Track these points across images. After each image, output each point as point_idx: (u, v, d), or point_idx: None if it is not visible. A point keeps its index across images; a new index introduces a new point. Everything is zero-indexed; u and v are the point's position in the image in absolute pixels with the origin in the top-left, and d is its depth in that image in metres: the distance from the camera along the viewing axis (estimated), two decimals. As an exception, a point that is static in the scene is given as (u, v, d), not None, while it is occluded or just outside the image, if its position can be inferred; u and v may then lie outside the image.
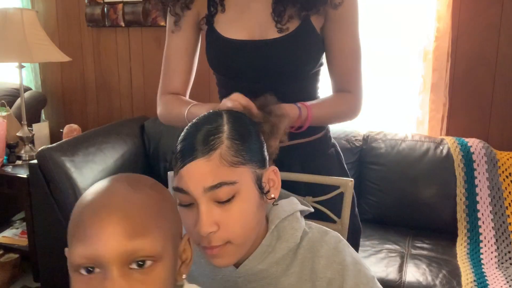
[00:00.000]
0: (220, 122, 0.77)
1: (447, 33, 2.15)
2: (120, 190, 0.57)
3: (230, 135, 0.75)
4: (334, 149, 1.23)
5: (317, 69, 1.15)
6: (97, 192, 0.57)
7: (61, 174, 2.03)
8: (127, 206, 0.55)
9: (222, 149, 0.73)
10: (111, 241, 0.53)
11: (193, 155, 0.73)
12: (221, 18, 1.12)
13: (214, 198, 0.72)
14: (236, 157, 0.74)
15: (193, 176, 0.72)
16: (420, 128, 2.29)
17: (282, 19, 1.06)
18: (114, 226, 0.53)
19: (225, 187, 0.72)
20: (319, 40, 1.11)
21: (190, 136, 0.76)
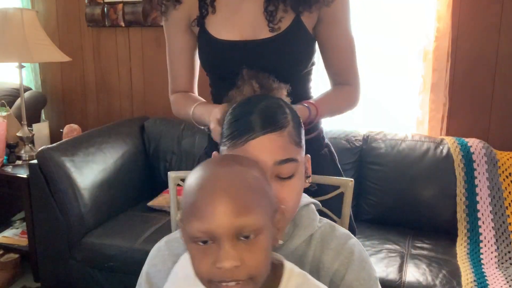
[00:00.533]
0: (280, 103, 0.81)
1: (447, 33, 2.15)
2: (225, 174, 0.67)
3: (292, 117, 0.80)
4: (327, 149, 1.24)
5: (309, 68, 1.16)
6: (207, 176, 0.68)
7: (61, 174, 2.03)
8: (233, 189, 0.65)
9: (289, 128, 0.78)
10: (222, 219, 0.63)
11: (265, 129, 0.75)
12: (212, 20, 1.13)
13: (279, 172, 0.77)
14: (297, 138, 0.79)
15: (265, 148, 0.75)
16: (420, 128, 2.30)
17: (274, 19, 1.07)
18: (224, 207, 0.64)
19: (292, 164, 0.77)
20: (311, 39, 1.12)
21: (252, 113, 0.77)
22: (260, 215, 0.66)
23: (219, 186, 0.66)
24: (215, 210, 0.64)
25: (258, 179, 0.69)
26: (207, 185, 0.67)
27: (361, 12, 2.31)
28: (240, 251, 0.64)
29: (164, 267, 0.85)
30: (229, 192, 0.65)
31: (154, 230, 2.10)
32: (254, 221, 0.65)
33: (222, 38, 1.10)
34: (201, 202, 0.66)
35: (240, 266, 0.64)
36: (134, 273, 2.13)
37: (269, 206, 0.69)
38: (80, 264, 2.07)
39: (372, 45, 2.34)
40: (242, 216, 0.64)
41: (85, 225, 2.09)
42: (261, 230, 0.66)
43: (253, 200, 0.66)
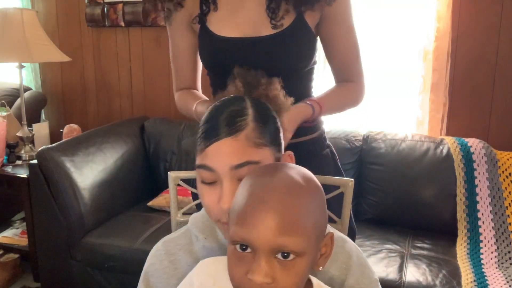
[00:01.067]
0: (244, 105, 0.79)
1: (447, 33, 2.15)
2: (280, 187, 0.65)
3: (254, 118, 0.77)
4: (329, 150, 1.24)
5: (311, 67, 1.16)
6: (263, 183, 0.67)
7: (61, 174, 2.03)
8: (283, 207, 0.63)
9: (248, 130, 0.76)
10: (264, 233, 0.62)
11: (222, 134, 0.75)
12: (214, 17, 1.13)
13: (238, 176, 0.75)
14: (260, 139, 0.76)
15: (220, 154, 0.75)
16: (420, 128, 2.30)
17: (276, 16, 1.07)
18: (269, 221, 0.62)
19: (250, 166, 0.75)
20: (313, 37, 1.12)
21: (216, 117, 0.78)
22: (305, 238, 0.63)
23: (270, 198, 0.64)
24: (259, 222, 0.63)
25: (314, 199, 0.67)
26: (259, 193, 0.65)
27: (361, 12, 2.31)
28: (275, 269, 0.63)
29: (161, 265, 0.86)
30: (278, 208, 0.63)
31: (154, 230, 2.10)
32: (297, 244, 0.63)
33: (224, 35, 1.10)
34: (249, 209, 0.65)
35: (271, 283, 0.62)
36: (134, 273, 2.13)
37: (318, 229, 0.66)
38: (80, 264, 2.07)
39: (372, 45, 2.34)
40: (285, 236, 0.62)
41: (85, 225, 2.09)
42: (302, 253, 0.63)
43: (301, 222, 0.63)
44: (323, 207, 0.70)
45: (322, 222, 0.69)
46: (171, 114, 2.75)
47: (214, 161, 0.75)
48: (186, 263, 0.85)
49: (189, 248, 0.87)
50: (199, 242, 0.86)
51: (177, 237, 0.89)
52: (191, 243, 0.87)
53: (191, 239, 0.88)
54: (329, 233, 0.71)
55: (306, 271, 0.66)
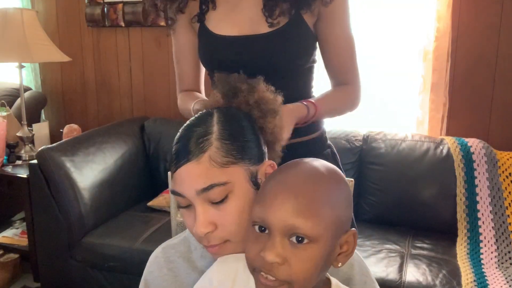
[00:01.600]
0: (210, 123, 0.77)
1: (447, 33, 2.15)
2: (302, 176, 0.68)
3: (219, 135, 0.75)
4: (330, 150, 1.24)
5: (310, 65, 1.16)
6: (288, 171, 0.70)
7: (61, 174, 2.03)
8: (301, 191, 0.65)
9: (211, 150, 0.73)
10: (279, 213, 0.64)
11: (184, 159, 0.74)
12: (212, 16, 1.13)
13: (208, 199, 0.73)
14: (226, 157, 0.73)
15: (185, 179, 0.73)
16: (420, 128, 2.30)
17: (273, 14, 1.07)
18: (285, 202, 0.64)
19: (217, 188, 0.72)
20: (311, 35, 1.12)
21: (181, 140, 0.77)
22: (320, 224, 0.64)
23: (292, 182, 0.67)
24: (276, 202, 0.65)
25: (335, 190, 0.69)
26: (282, 176, 0.69)
27: (361, 12, 2.31)
28: (287, 250, 0.64)
29: (160, 273, 0.85)
30: (297, 191, 0.65)
31: (154, 230, 2.10)
32: (310, 227, 0.63)
33: (221, 34, 1.11)
34: (269, 190, 0.67)
35: (282, 265, 0.63)
36: (134, 273, 2.15)
37: (337, 221, 0.67)
38: (80, 264, 2.07)
39: (373, 45, 2.34)
40: (299, 217, 0.63)
41: (85, 225, 2.09)
42: (316, 239, 0.64)
43: (317, 207, 0.65)
44: (345, 201, 0.70)
45: (343, 216, 0.68)
46: (171, 114, 2.75)
47: (181, 186, 0.74)
48: (185, 271, 0.85)
49: (187, 256, 0.86)
50: (197, 251, 0.86)
51: (176, 244, 0.88)
52: (189, 251, 0.87)
53: (190, 247, 0.87)
54: (351, 230, 0.70)
55: (320, 260, 0.65)
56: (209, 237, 0.74)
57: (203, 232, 0.73)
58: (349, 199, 0.71)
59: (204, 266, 0.84)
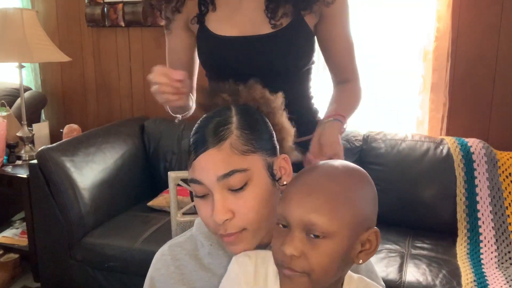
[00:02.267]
0: (229, 114, 0.79)
1: (447, 33, 2.15)
2: (321, 175, 0.71)
3: (239, 125, 0.77)
4: None
5: (309, 66, 1.17)
6: (308, 171, 0.73)
7: (61, 174, 2.03)
8: (318, 188, 0.69)
9: (232, 138, 0.75)
10: (296, 210, 0.68)
11: (205, 146, 0.75)
12: (212, 17, 1.13)
13: (228, 186, 0.75)
14: (246, 145, 0.76)
15: (206, 166, 0.75)
16: (420, 128, 2.30)
17: (275, 16, 1.08)
18: (303, 198, 0.68)
19: (237, 175, 0.74)
20: (312, 36, 1.13)
21: (201, 129, 0.78)
22: (336, 221, 0.67)
23: (310, 180, 0.70)
24: (294, 199, 0.68)
25: (357, 189, 0.70)
26: (303, 176, 0.72)
27: (361, 12, 2.31)
28: (305, 245, 0.67)
29: (167, 271, 0.85)
30: (314, 189, 0.68)
31: (154, 230, 2.10)
32: (326, 224, 0.66)
33: (222, 34, 1.11)
34: (290, 189, 0.71)
35: (299, 257, 0.66)
36: (134, 273, 2.14)
37: (356, 220, 0.69)
38: (80, 264, 2.07)
39: (373, 44, 2.34)
40: (315, 214, 0.66)
41: (85, 225, 2.09)
42: (332, 235, 0.66)
43: (334, 205, 0.67)
44: (367, 199, 0.71)
45: (363, 214, 0.70)
46: (171, 114, 2.75)
47: (201, 174, 0.75)
48: (192, 269, 0.85)
49: (194, 253, 0.86)
50: (204, 249, 0.86)
51: (183, 242, 0.88)
52: (196, 249, 0.87)
53: (197, 245, 0.87)
54: (373, 228, 0.71)
55: (337, 255, 0.67)
56: (226, 225, 0.75)
57: (222, 219, 0.74)
58: (371, 197, 0.72)
59: (212, 263, 0.84)
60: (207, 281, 0.84)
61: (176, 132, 2.54)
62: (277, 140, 0.84)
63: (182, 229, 1.18)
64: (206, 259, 0.85)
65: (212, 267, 0.84)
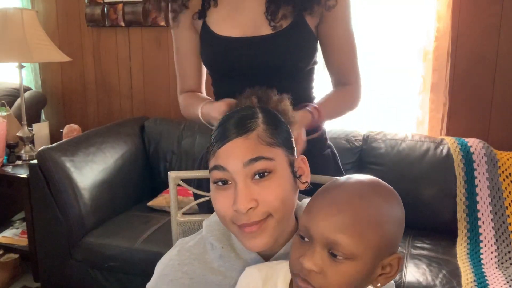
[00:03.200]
0: (254, 110, 0.81)
1: (447, 33, 2.15)
2: (350, 191, 0.69)
3: (264, 120, 0.79)
4: (330, 150, 1.24)
5: (311, 66, 1.16)
6: (337, 185, 0.71)
7: (61, 174, 2.03)
8: (346, 207, 0.66)
9: (259, 130, 0.77)
10: (321, 226, 0.66)
11: (233, 135, 0.77)
12: (214, 15, 1.13)
13: (253, 172, 0.75)
14: (272, 138, 0.78)
15: (233, 152, 0.76)
16: (420, 128, 2.30)
17: (275, 18, 1.07)
18: (329, 215, 0.66)
19: (263, 162, 0.75)
20: (313, 37, 1.12)
21: (227, 122, 0.80)
22: (361, 244, 0.65)
23: (338, 196, 0.68)
24: (320, 214, 0.67)
25: (387, 211, 0.68)
26: (330, 190, 0.70)
27: (362, 12, 2.31)
28: (325, 262, 0.65)
29: (175, 276, 0.84)
30: (342, 207, 0.66)
31: (154, 230, 2.10)
32: (350, 245, 0.64)
33: (223, 35, 1.11)
34: (316, 201, 0.70)
35: (318, 274, 0.65)
36: (134, 273, 2.14)
37: (382, 244, 0.67)
38: (80, 264, 2.07)
39: (372, 45, 2.34)
40: (341, 234, 0.64)
41: (85, 225, 2.09)
42: (355, 257, 0.65)
43: (361, 225, 0.65)
44: (396, 222, 0.69)
45: (389, 237, 0.68)
46: (171, 114, 2.75)
47: (226, 160, 0.76)
48: (201, 273, 0.84)
49: (203, 257, 0.86)
50: (215, 251, 0.85)
51: (192, 246, 0.88)
52: (205, 252, 0.86)
53: (206, 248, 0.86)
54: (397, 254, 0.69)
55: (357, 277, 0.66)
56: (250, 214, 0.75)
57: (246, 207, 0.74)
58: (399, 220, 0.70)
59: (222, 266, 0.84)
60: (217, 285, 0.83)
61: (176, 132, 2.54)
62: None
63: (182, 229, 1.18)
64: (216, 262, 0.85)
65: (223, 270, 0.84)
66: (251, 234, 0.76)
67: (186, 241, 0.90)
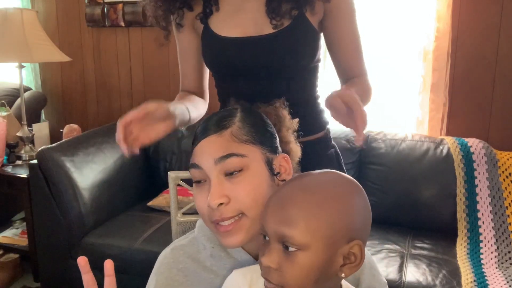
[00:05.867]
0: (234, 111, 0.83)
1: (447, 33, 2.15)
2: (297, 186, 0.70)
3: (242, 119, 0.81)
4: (334, 150, 1.23)
5: (315, 64, 1.15)
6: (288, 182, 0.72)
7: (61, 174, 2.03)
8: (291, 201, 0.68)
9: (233, 128, 0.79)
10: (270, 222, 0.68)
11: (206, 133, 0.79)
12: (216, 18, 1.13)
13: (225, 169, 0.77)
14: (247, 136, 0.79)
15: (205, 150, 0.78)
16: (420, 128, 2.30)
17: (276, 16, 1.07)
18: (275, 211, 0.68)
19: (234, 158, 0.76)
20: (315, 34, 1.11)
21: (206, 121, 0.83)
22: (308, 233, 0.65)
23: (285, 192, 0.70)
24: (268, 211, 0.69)
25: (333, 202, 0.68)
26: (281, 188, 0.72)
27: (361, 12, 2.30)
28: (280, 257, 0.67)
29: (170, 274, 0.85)
30: (286, 201, 0.68)
31: (154, 230, 2.10)
32: (297, 236, 0.65)
33: (225, 35, 1.10)
34: (269, 200, 0.71)
35: (276, 270, 0.66)
36: (134, 273, 2.14)
37: (333, 233, 0.67)
38: (80, 264, 2.07)
39: (373, 44, 2.34)
40: (286, 226, 0.66)
41: (85, 225, 2.09)
42: (305, 247, 0.65)
43: (306, 218, 0.66)
44: (352, 211, 0.70)
45: (342, 225, 0.67)
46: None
47: (200, 158, 0.78)
48: (195, 271, 0.85)
49: (196, 256, 0.86)
50: (206, 251, 0.86)
51: (185, 245, 0.88)
52: (198, 251, 0.87)
53: (198, 247, 0.87)
54: (355, 241, 0.68)
55: (313, 268, 0.66)
56: (221, 209, 0.76)
57: (216, 202, 0.75)
58: (356, 209, 0.71)
59: (214, 264, 0.85)
60: (210, 283, 0.84)
61: (176, 132, 2.54)
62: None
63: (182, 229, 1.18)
64: (208, 261, 0.85)
65: (215, 269, 0.85)
66: (226, 232, 0.77)
67: (179, 240, 0.91)
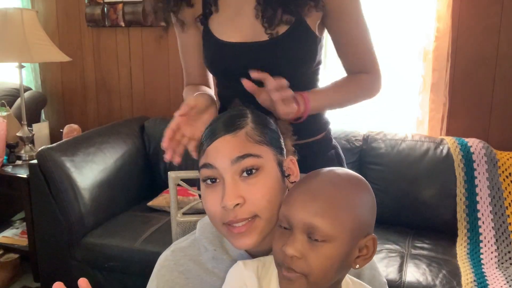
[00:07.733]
0: (244, 111, 0.83)
1: (447, 33, 2.15)
2: (324, 180, 0.73)
3: (253, 120, 0.81)
4: (334, 151, 1.22)
5: (315, 68, 1.14)
6: (312, 176, 0.75)
7: (61, 174, 2.03)
8: (321, 193, 0.71)
9: (247, 128, 0.79)
10: (300, 212, 0.70)
11: (221, 132, 0.78)
12: (216, 19, 1.12)
13: (241, 170, 0.76)
14: (260, 136, 0.79)
15: (221, 150, 0.77)
16: (420, 128, 2.30)
17: (272, 24, 1.04)
18: (305, 202, 0.70)
19: (251, 159, 0.76)
20: (315, 38, 1.09)
21: (216, 121, 0.82)
22: (337, 226, 0.69)
23: (314, 185, 0.72)
24: (297, 202, 0.71)
25: (357, 196, 0.73)
26: (307, 181, 0.74)
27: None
28: (306, 247, 0.68)
29: (171, 276, 0.85)
30: (317, 194, 0.71)
31: (154, 230, 2.10)
32: (327, 228, 0.68)
33: (225, 40, 1.10)
34: (294, 192, 0.73)
35: (300, 259, 0.68)
36: (134, 273, 2.14)
37: (356, 226, 0.71)
38: (80, 264, 2.07)
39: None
40: (318, 218, 0.68)
41: (85, 225, 2.09)
42: (332, 239, 0.68)
43: (336, 210, 0.69)
44: (367, 207, 0.74)
45: (363, 220, 0.72)
46: (171, 114, 2.73)
47: (215, 158, 0.77)
48: (196, 273, 0.85)
49: (197, 258, 0.86)
50: (208, 253, 0.86)
51: (186, 247, 0.88)
52: (199, 254, 0.87)
53: (200, 250, 0.87)
54: (371, 235, 0.73)
55: (336, 259, 0.69)
56: (237, 211, 0.75)
57: (232, 203, 0.74)
58: (370, 205, 0.75)
59: (216, 267, 0.84)
60: (212, 285, 0.84)
61: (176, 132, 2.54)
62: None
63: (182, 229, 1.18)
64: (210, 264, 0.85)
65: (217, 271, 0.84)
66: (240, 234, 0.77)
67: (179, 242, 0.91)
